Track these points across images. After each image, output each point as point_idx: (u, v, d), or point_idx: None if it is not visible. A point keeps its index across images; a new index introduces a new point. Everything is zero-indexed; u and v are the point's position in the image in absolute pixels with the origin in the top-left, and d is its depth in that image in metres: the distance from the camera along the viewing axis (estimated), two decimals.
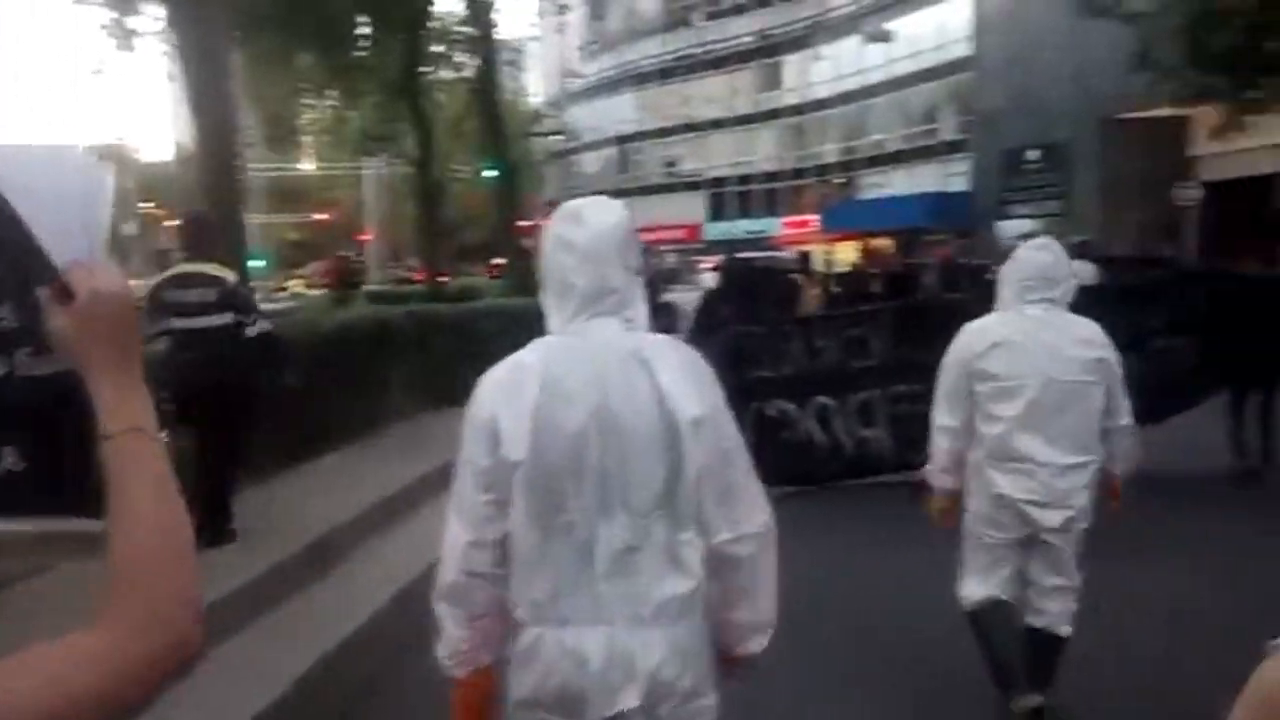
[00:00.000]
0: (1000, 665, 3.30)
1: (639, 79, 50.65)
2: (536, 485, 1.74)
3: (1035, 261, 3.25)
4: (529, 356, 1.81)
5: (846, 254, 37.86)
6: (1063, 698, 3.35)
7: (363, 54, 17.03)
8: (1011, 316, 3.27)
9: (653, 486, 1.74)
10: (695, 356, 1.86)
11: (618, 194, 50.43)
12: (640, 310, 1.84)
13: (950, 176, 35.93)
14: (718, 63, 47.26)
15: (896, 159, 39.15)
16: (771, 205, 44.84)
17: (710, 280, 13.09)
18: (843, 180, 41.02)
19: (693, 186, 48.47)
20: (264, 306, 6.35)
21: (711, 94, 47.84)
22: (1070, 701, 3.38)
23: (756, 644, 1.90)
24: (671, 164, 49.87)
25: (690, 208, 48.15)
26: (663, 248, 47.70)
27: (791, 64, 44.49)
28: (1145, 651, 4.08)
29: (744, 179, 46.41)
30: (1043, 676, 3.26)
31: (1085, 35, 27.73)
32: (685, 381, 1.78)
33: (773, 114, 45.19)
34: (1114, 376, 3.22)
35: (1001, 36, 31.60)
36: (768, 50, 45.09)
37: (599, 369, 1.76)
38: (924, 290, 11.90)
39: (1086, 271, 10.50)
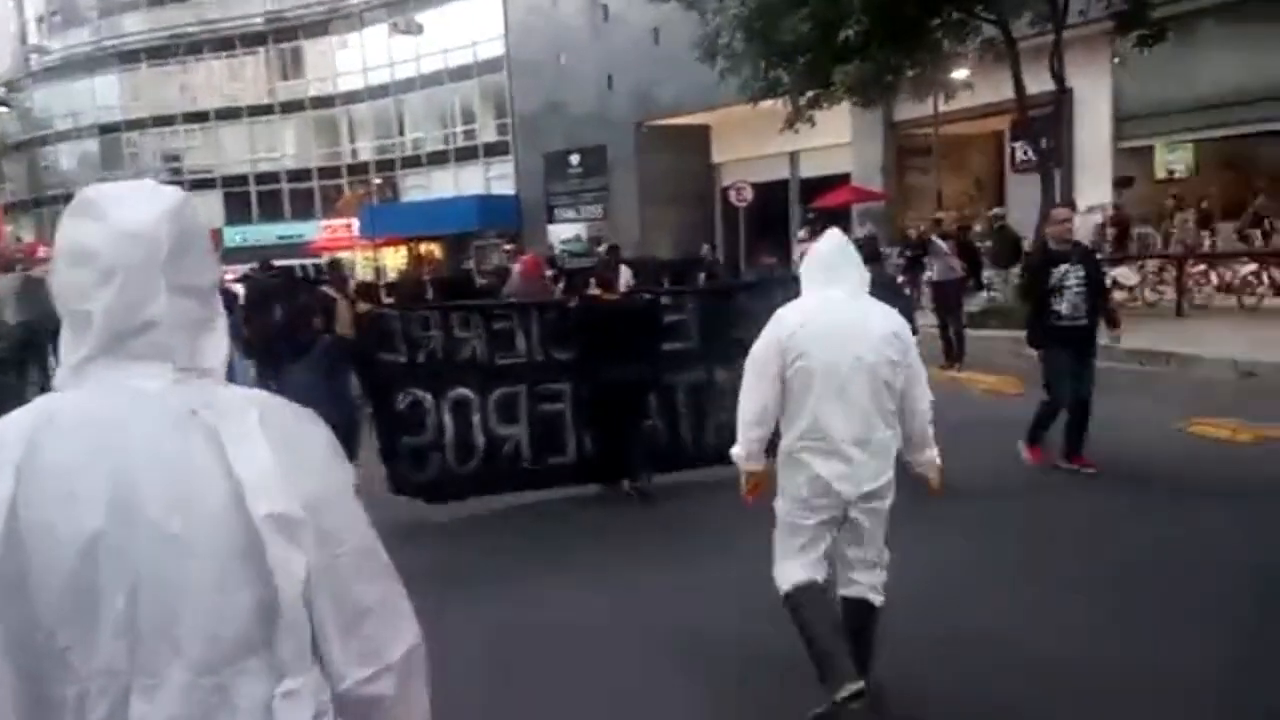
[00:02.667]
0: (820, 653, 3.35)
1: (123, 58, 44.82)
2: (13, 636, 1.16)
3: (828, 251, 3.56)
4: (9, 425, 1.23)
5: (394, 260, 36.90)
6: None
7: None
8: (815, 300, 3.50)
9: (230, 626, 1.21)
10: (300, 417, 1.34)
11: None
12: (212, 351, 1.32)
13: (495, 179, 36.52)
14: (222, 44, 43.42)
15: (437, 160, 38.94)
16: (305, 208, 42.12)
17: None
18: (381, 181, 39.77)
19: (204, 185, 43.83)
20: None
21: (216, 80, 43.82)
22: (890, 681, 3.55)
23: None
24: (174, 159, 44.63)
25: (203, 209, 43.35)
26: None
27: (312, 51, 42.21)
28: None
29: (266, 178, 43.06)
30: (863, 653, 3.39)
31: (613, 39, 29.75)
32: (274, 457, 1.23)
33: (295, 105, 42.52)
34: (913, 358, 3.47)
35: (532, 37, 32.86)
36: (282, 34, 42.31)
37: (124, 442, 1.20)
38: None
39: (623, 276, 11.01)
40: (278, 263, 23.48)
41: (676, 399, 7.10)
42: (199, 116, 43.98)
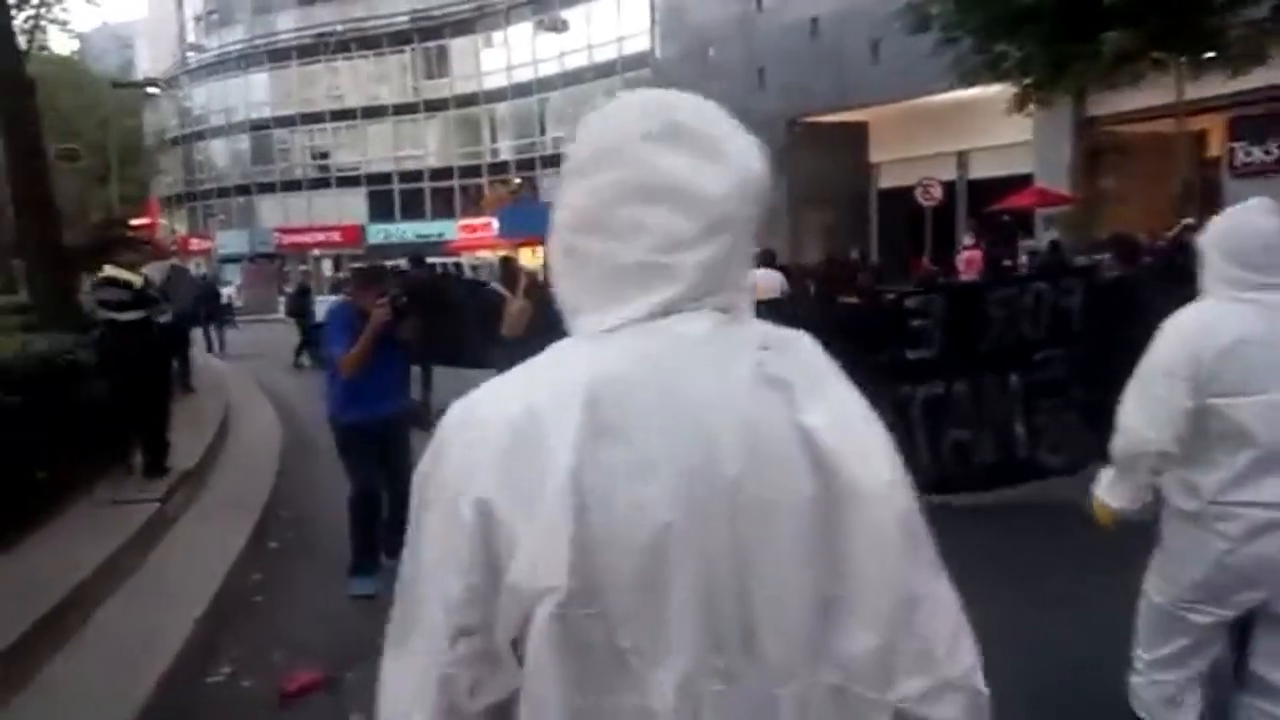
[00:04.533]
0: None
1: (274, 56, 45.92)
2: (581, 634, 0.98)
3: (1265, 231, 2.56)
4: (555, 382, 1.01)
5: (531, 260, 36.51)
6: None
7: None
8: (1242, 307, 2.55)
9: (800, 624, 1.01)
10: (831, 360, 1.10)
11: (260, 189, 45.03)
12: (745, 289, 1.11)
13: None
14: (369, 43, 44.00)
15: None
16: (445, 207, 42.28)
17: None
18: (521, 180, 39.47)
19: (350, 183, 44.57)
20: None
21: (363, 78, 44.44)
22: None
23: None
24: (323, 156, 45.56)
25: (349, 206, 44.29)
26: (317, 252, 43.68)
27: (458, 49, 42.32)
28: None
29: (409, 175, 43.40)
30: None
31: (766, 31, 28.50)
32: (855, 417, 1.06)
33: (439, 104, 42.70)
34: None
35: (680, 31, 31.99)
36: (428, 32, 42.56)
37: (693, 396, 1.01)
38: None
39: (772, 281, 10.03)
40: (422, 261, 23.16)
41: (911, 413, 6.09)
42: (346, 115, 44.78)
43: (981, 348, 6.21)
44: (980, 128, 23.60)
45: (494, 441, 0.99)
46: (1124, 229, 16.94)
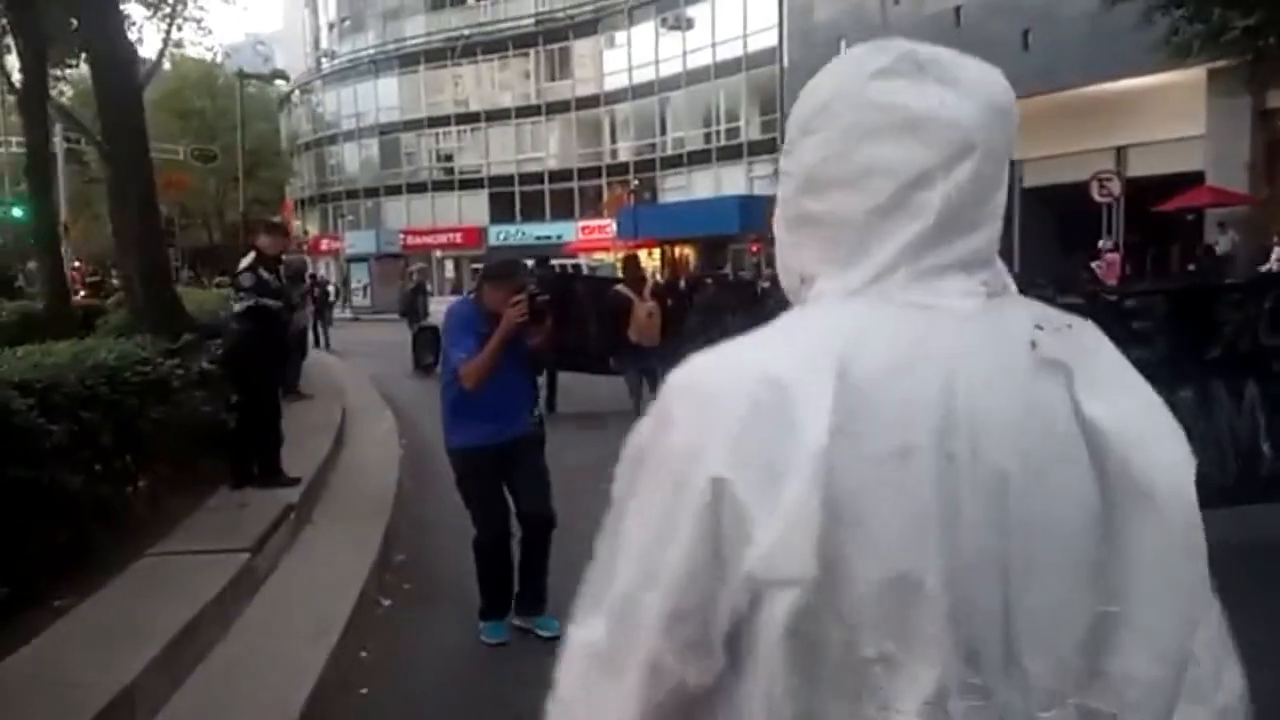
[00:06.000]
0: None
1: (404, 61, 46.04)
2: (820, 635, 0.87)
3: None
4: (797, 347, 0.90)
5: (648, 263, 35.54)
6: None
7: None
8: None
9: (1068, 639, 0.90)
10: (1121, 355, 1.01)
11: (387, 191, 44.96)
12: (997, 238, 0.97)
13: (758, 179, 34.29)
14: (494, 46, 43.64)
15: (698, 159, 37.18)
16: (565, 208, 41.63)
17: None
18: (640, 182, 38.46)
19: (472, 185, 44.33)
20: None
21: (488, 81, 44.17)
22: None
23: None
24: (447, 158, 45.49)
25: (470, 208, 44.07)
26: (439, 253, 43.57)
27: (579, 51, 41.57)
28: None
29: (529, 178, 42.87)
30: None
31: (905, 23, 26.68)
32: (1143, 407, 0.97)
33: (561, 106, 42.03)
34: None
35: (810, 25, 30.40)
36: (552, 35, 41.93)
37: (959, 382, 0.89)
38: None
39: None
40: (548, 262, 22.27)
41: None
42: (470, 118, 44.63)
43: (1210, 354, 5.56)
44: (1142, 121, 21.33)
45: (730, 413, 0.87)
46: None
